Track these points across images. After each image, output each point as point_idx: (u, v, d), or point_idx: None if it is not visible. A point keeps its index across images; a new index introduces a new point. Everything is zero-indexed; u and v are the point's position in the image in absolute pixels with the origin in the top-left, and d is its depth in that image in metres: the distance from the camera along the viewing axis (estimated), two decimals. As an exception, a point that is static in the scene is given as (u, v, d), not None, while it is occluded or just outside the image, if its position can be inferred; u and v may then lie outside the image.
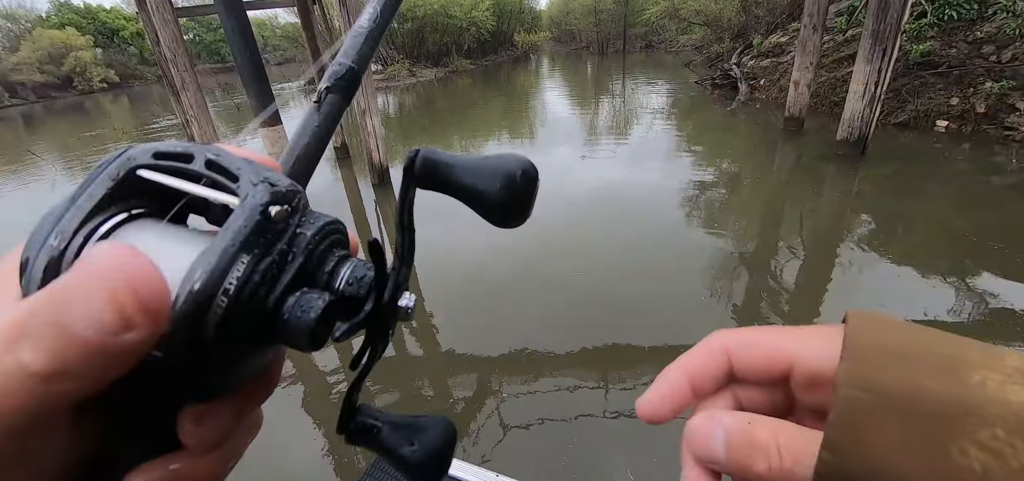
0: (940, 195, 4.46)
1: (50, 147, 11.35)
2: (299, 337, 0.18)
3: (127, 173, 0.18)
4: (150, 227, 0.19)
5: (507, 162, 0.21)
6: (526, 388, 2.48)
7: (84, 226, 0.17)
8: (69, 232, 0.17)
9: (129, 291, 0.15)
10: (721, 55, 12.04)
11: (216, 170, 0.19)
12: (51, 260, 0.17)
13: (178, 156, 0.19)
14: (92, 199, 0.18)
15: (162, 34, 4.54)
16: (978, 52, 5.99)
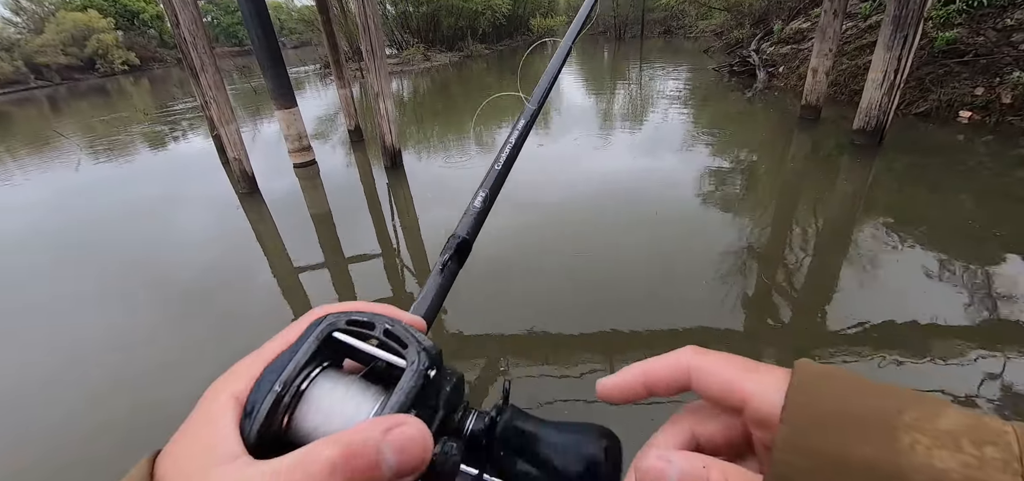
0: (959, 188, 4.36)
1: (75, 128, 11.65)
2: (445, 478, 0.22)
3: (328, 336, 0.24)
4: (334, 378, 0.24)
5: (587, 440, 0.23)
6: (534, 371, 2.52)
7: (302, 373, 0.23)
8: (289, 381, 0.22)
9: (422, 447, 0.20)
10: (741, 41, 11.78)
11: (392, 338, 0.24)
12: (276, 400, 0.22)
13: (365, 324, 0.25)
14: (305, 355, 0.23)
15: (182, 16, 4.63)
16: (1007, 40, 5.78)
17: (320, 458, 0.19)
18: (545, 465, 0.24)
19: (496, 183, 0.32)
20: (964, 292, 2.93)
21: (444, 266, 0.30)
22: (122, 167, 7.67)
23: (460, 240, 0.30)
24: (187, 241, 4.63)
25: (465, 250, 0.30)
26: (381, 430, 0.20)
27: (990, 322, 2.67)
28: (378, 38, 5.09)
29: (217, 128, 5.14)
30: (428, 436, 0.21)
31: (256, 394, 0.22)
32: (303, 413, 0.22)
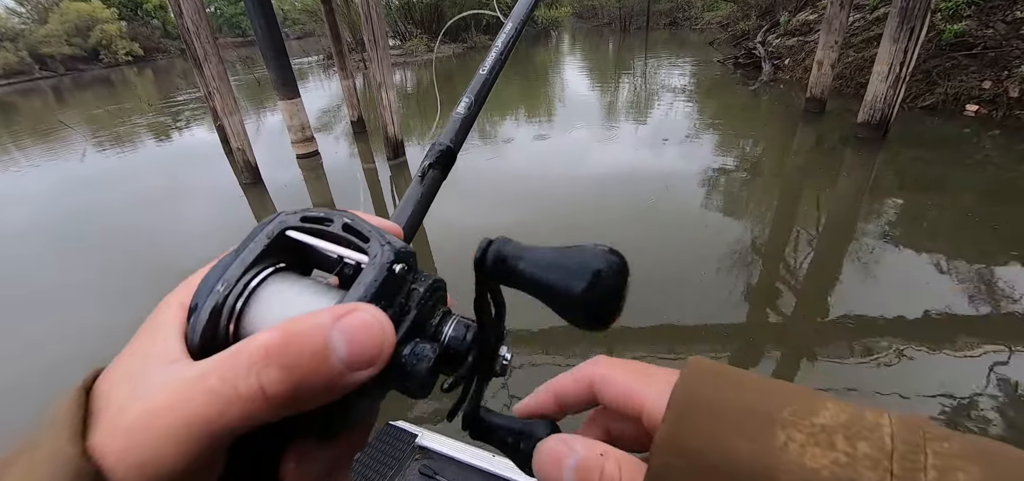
0: (963, 182, 4.34)
1: (79, 119, 11.70)
2: (412, 383, 0.20)
3: (280, 234, 0.22)
4: (291, 279, 0.21)
5: (590, 256, 0.20)
6: (531, 360, 2.54)
7: (244, 276, 0.20)
8: (233, 281, 0.20)
9: (380, 337, 0.18)
10: (747, 33, 11.67)
11: (351, 232, 0.22)
12: (217, 304, 0.20)
13: (321, 220, 0.23)
14: (252, 254, 0.21)
15: (185, 6, 4.63)
16: (1016, 33, 5.71)
17: (254, 343, 0.17)
18: (540, 288, 0.21)
19: (482, 90, 0.30)
20: (965, 287, 2.93)
21: (425, 173, 0.27)
22: (127, 158, 7.72)
23: (443, 147, 0.27)
24: (191, 231, 4.66)
25: (449, 158, 0.28)
26: (330, 316, 0.18)
27: (992, 317, 2.67)
28: (380, 28, 5.08)
29: (220, 119, 5.16)
30: (387, 325, 0.19)
31: (198, 296, 0.20)
32: (252, 317, 0.20)
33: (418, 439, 1.37)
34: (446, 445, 1.35)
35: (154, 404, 0.17)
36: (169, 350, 0.19)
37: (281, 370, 0.17)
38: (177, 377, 0.17)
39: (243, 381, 0.16)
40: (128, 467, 0.16)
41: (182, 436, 0.16)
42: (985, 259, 3.16)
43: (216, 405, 0.16)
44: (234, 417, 0.16)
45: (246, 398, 0.16)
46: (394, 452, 1.35)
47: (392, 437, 1.40)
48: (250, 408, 0.17)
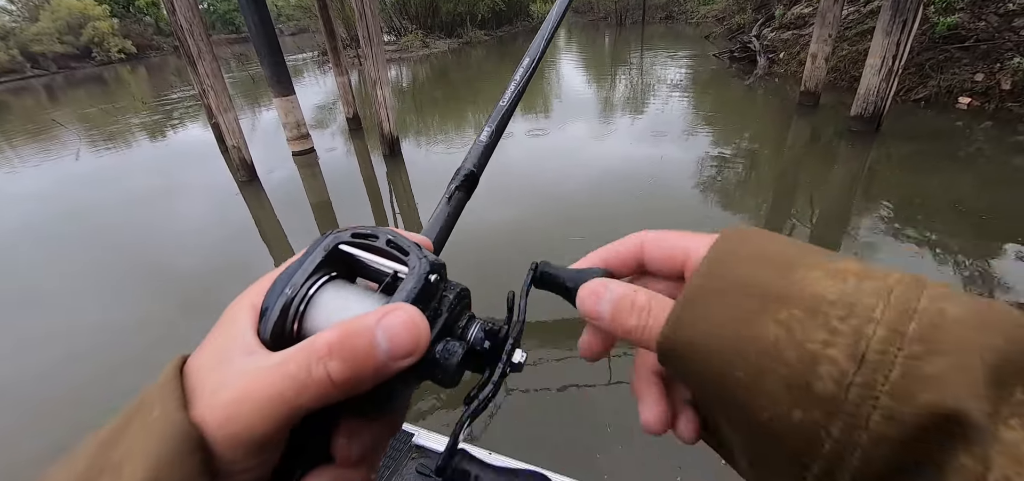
0: (956, 174, 4.38)
1: (73, 118, 11.62)
2: (445, 374, 0.24)
3: (334, 248, 0.26)
4: (342, 286, 0.26)
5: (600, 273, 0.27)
6: (530, 356, 2.57)
7: (306, 283, 0.25)
8: (298, 285, 0.24)
9: (416, 333, 0.22)
10: (742, 27, 11.67)
11: (394, 247, 0.26)
12: (285, 304, 0.24)
13: (368, 236, 0.27)
14: (313, 264, 0.25)
15: (178, 3, 4.61)
16: (1009, 25, 5.74)
17: (320, 341, 0.21)
18: (567, 293, 0.27)
19: (502, 120, 0.34)
20: (956, 278, 2.97)
21: (451, 195, 0.31)
22: (122, 156, 7.68)
23: (468, 172, 0.32)
24: (188, 230, 4.66)
25: (473, 181, 0.32)
26: (376, 317, 0.22)
27: None
28: (375, 24, 5.07)
29: (215, 116, 5.14)
30: (421, 322, 0.22)
31: (268, 299, 0.24)
32: (312, 316, 0.24)
33: (415, 438, 1.38)
34: (442, 443, 1.35)
35: (246, 386, 0.21)
36: (247, 343, 0.23)
37: (342, 361, 0.21)
38: (260, 365, 0.22)
39: (315, 369, 0.21)
40: (226, 435, 0.20)
41: (269, 411, 0.21)
42: (977, 250, 3.20)
43: (294, 387, 0.21)
44: (308, 397, 0.21)
45: (317, 382, 0.21)
46: (391, 452, 1.36)
47: None
48: (320, 390, 0.21)
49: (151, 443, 0.20)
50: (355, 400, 0.23)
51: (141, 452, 0.20)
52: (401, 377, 0.23)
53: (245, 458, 0.21)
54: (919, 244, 3.34)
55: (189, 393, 0.22)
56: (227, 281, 3.60)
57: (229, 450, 0.20)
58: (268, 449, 0.22)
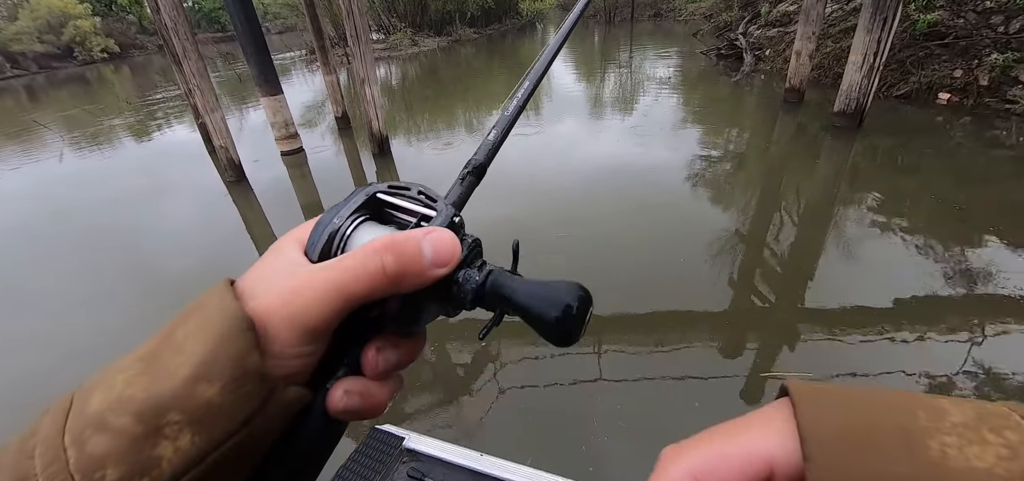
0: (937, 167, 4.48)
1: (55, 118, 11.40)
2: (465, 296, 0.28)
3: (372, 195, 0.30)
4: (375, 225, 0.30)
5: (564, 291, 0.27)
6: (521, 354, 2.58)
7: (350, 218, 0.29)
8: (344, 218, 0.29)
9: (453, 248, 0.27)
10: (729, 24, 11.79)
11: (425, 196, 0.31)
12: (333, 231, 0.28)
13: (402, 188, 0.31)
14: (355, 204, 0.30)
15: (162, 2, 4.55)
16: (986, 22, 5.88)
17: (377, 241, 0.25)
18: (524, 313, 0.28)
19: (507, 125, 0.38)
20: (939, 269, 3.03)
21: (464, 178, 0.35)
22: (107, 157, 7.56)
23: (479, 163, 0.35)
24: (176, 231, 4.61)
25: (482, 170, 0.35)
26: (421, 233, 0.27)
27: (967, 297, 2.77)
28: (362, 23, 5.05)
29: (202, 116, 5.09)
30: (457, 241, 0.27)
31: (317, 230, 0.28)
32: (354, 244, 0.28)
33: (405, 442, 1.37)
34: (434, 447, 1.35)
35: (305, 277, 0.24)
36: (298, 260, 0.27)
37: (394, 257, 0.25)
38: (317, 265, 0.25)
39: (371, 261, 0.25)
40: (283, 318, 0.23)
41: (328, 295, 0.24)
42: (957, 241, 3.28)
43: (352, 275, 0.24)
44: (363, 286, 0.24)
45: (372, 272, 0.24)
46: (381, 456, 1.35)
47: (379, 441, 1.40)
48: (374, 280, 0.24)
49: (208, 325, 0.22)
50: (389, 314, 0.27)
51: (200, 332, 0.22)
52: (428, 295, 0.27)
53: (297, 342, 0.24)
54: (903, 237, 3.42)
55: (241, 296, 0.24)
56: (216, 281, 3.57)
57: (284, 332, 0.23)
58: (318, 338, 0.24)
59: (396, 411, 2.33)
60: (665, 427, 2.10)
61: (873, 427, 0.19)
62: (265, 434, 0.23)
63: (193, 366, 0.21)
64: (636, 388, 2.32)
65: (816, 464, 0.19)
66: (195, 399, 0.21)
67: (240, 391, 0.22)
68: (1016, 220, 3.45)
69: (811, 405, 0.20)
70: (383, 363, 0.28)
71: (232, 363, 0.22)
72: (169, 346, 0.22)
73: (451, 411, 2.34)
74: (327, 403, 0.26)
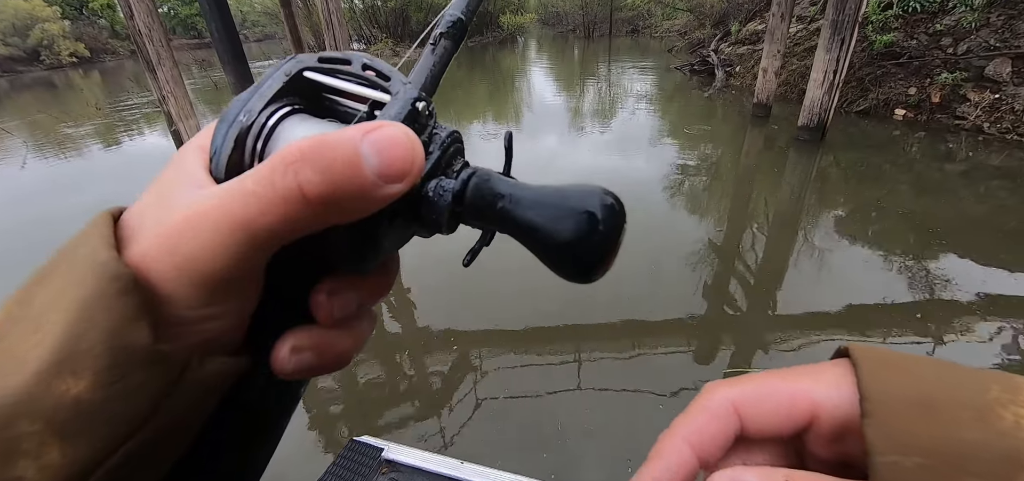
0: (894, 180, 4.73)
1: (18, 124, 11.00)
2: (439, 216, 0.20)
3: (297, 73, 0.21)
4: (308, 119, 0.21)
5: (584, 196, 0.19)
6: (500, 363, 2.59)
7: (264, 110, 0.20)
8: (255, 112, 0.20)
9: (410, 151, 0.18)
10: (702, 41, 12.20)
11: (372, 72, 0.22)
12: (241, 131, 0.20)
13: (339, 60, 0.22)
14: (272, 90, 0.21)
15: (136, 8, 4.51)
16: (937, 44, 6.26)
17: (289, 148, 0.17)
18: (522, 230, 0.20)
19: None
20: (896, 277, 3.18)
21: (437, 42, 0.25)
22: (74, 164, 7.34)
23: (455, 18, 0.25)
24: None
25: (461, 29, 0.25)
26: (360, 130, 0.17)
27: (922, 303, 2.90)
28: (342, 33, 5.08)
29: (176, 123, 5.02)
30: (416, 142, 0.18)
31: (218, 132, 0.20)
32: (274, 152, 0.19)
33: (385, 453, 1.37)
34: (413, 457, 1.35)
35: (194, 211, 0.17)
36: (197, 178, 0.19)
37: (317, 172, 0.16)
38: (213, 190, 0.18)
39: (281, 180, 0.17)
40: (171, 268, 0.17)
41: (224, 235, 0.17)
42: (913, 249, 3.45)
43: (255, 205, 0.17)
44: (274, 217, 0.17)
45: (285, 197, 0.17)
46: (361, 467, 1.34)
47: (358, 452, 1.39)
48: (289, 209, 0.17)
49: (75, 288, 0.16)
50: (335, 250, 0.20)
51: (64, 298, 0.16)
52: (388, 218, 0.19)
53: (200, 300, 0.17)
54: (865, 245, 3.60)
55: (125, 239, 0.18)
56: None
57: (178, 289, 0.17)
58: (229, 292, 0.18)
59: (374, 422, 2.33)
60: (641, 434, 2.14)
61: (940, 392, 0.18)
62: (183, 425, 0.18)
63: (52, 350, 0.15)
64: (615, 398, 2.36)
65: (876, 420, 0.17)
66: (56, 398, 0.15)
67: (124, 381, 0.16)
68: (968, 230, 3.67)
69: (874, 364, 0.19)
70: (339, 307, 0.21)
71: (106, 342, 0.15)
72: (23, 318, 0.16)
73: (431, 421, 2.34)
74: (273, 365, 0.20)
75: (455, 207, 0.20)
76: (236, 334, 0.20)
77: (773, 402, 0.20)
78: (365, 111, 0.21)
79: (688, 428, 0.20)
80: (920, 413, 0.17)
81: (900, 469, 0.16)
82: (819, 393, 0.19)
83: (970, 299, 2.89)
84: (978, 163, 4.93)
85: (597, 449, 2.09)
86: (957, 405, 0.17)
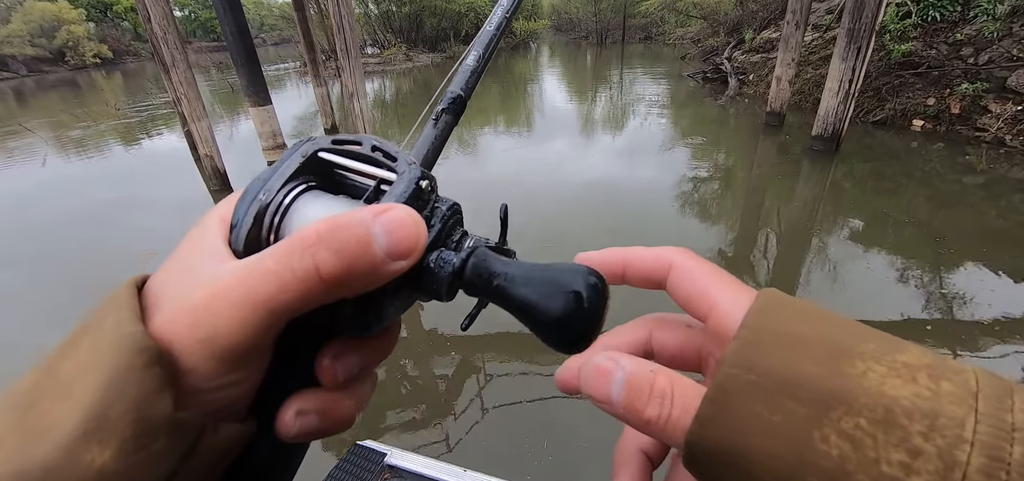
0: (911, 192, 4.61)
1: (42, 123, 11.30)
2: (438, 285, 0.22)
3: (313, 154, 0.23)
4: (322, 196, 0.23)
5: (571, 277, 0.21)
6: (505, 369, 2.57)
7: (283, 189, 0.22)
8: (273, 190, 0.22)
9: (415, 232, 0.20)
10: (715, 49, 12.10)
11: (381, 152, 0.23)
12: (260, 208, 0.21)
13: (351, 142, 0.24)
14: (289, 170, 0.22)
15: (153, 12, 4.59)
16: (957, 54, 6.11)
17: (307, 230, 0.19)
18: (515, 306, 0.21)
19: (490, 43, 0.31)
20: (908, 290, 3.10)
21: (438, 117, 0.27)
22: (92, 163, 7.50)
23: (455, 96, 0.28)
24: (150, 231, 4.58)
25: (460, 106, 0.28)
26: (371, 213, 0.19)
27: (941, 321, 2.81)
28: (353, 38, 5.12)
29: (188, 124, 5.10)
30: (420, 222, 0.20)
31: (240, 207, 0.22)
32: (291, 226, 0.21)
33: (387, 458, 1.36)
34: (416, 463, 1.33)
35: (217, 287, 0.19)
36: (218, 251, 0.20)
37: (332, 253, 0.18)
38: (234, 266, 0.19)
39: (298, 262, 0.18)
40: (194, 342, 0.18)
41: (245, 313, 0.18)
42: (930, 264, 3.35)
43: (275, 283, 0.18)
44: (292, 295, 0.18)
45: (301, 277, 0.18)
46: (363, 473, 1.33)
47: (361, 457, 1.38)
48: (306, 287, 0.18)
49: (103, 358, 0.17)
50: (342, 318, 0.21)
51: (92, 369, 0.17)
52: (392, 288, 0.21)
53: (219, 372, 0.18)
54: (878, 259, 3.50)
55: (149, 308, 0.19)
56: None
57: (200, 362, 0.18)
58: (246, 363, 0.19)
59: (377, 426, 2.31)
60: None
61: (812, 334, 0.19)
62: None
63: (80, 419, 0.16)
64: None
65: (741, 341, 0.20)
66: (82, 469, 0.15)
67: (146, 451, 0.16)
68: (989, 245, 3.55)
69: (772, 303, 0.21)
70: (343, 371, 0.22)
71: (133, 413, 0.16)
72: (51, 388, 0.17)
73: (434, 426, 2.32)
74: (277, 430, 0.21)
75: (454, 280, 0.22)
76: (246, 401, 0.21)
77: (691, 284, 0.24)
78: (372, 190, 0.23)
79: (632, 253, 0.26)
80: (781, 343, 0.19)
81: (736, 380, 0.19)
82: (721, 297, 0.23)
83: (990, 317, 2.79)
84: (999, 176, 4.79)
85: (600, 457, 2.05)
86: (821, 345, 0.19)
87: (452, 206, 0.24)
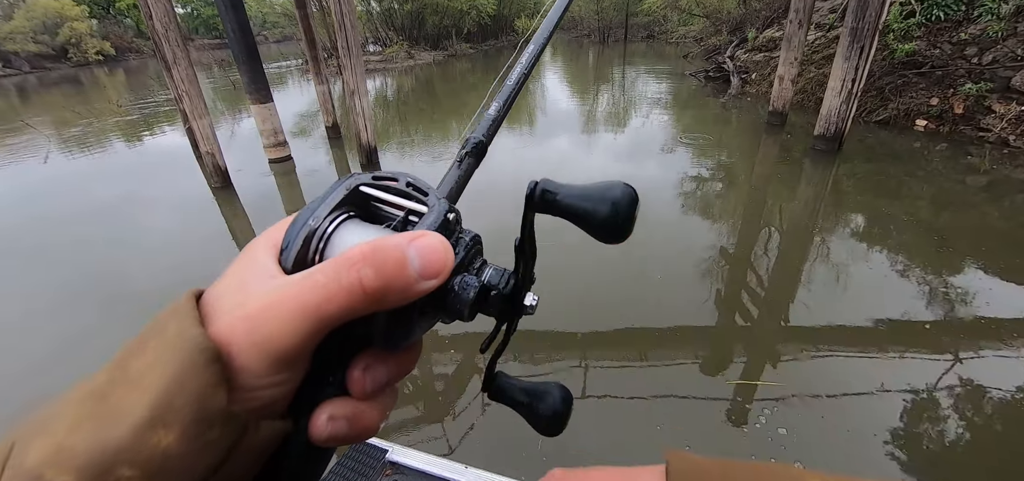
0: (913, 192, 4.59)
1: (44, 119, 11.32)
2: (462, 306, 0.25)
3: (355, 188, 0.27)
4: (361, 224, 0.26)
5: (612, 188, 0.25)
6: (506, 368, 2.57)
7: (329, 217, 0.25)
8: (321, 218, 0.25)
9: (444, 256, 0.23)
10: (718, 47, 12.06)
11: (414, 188, 0.27)
12: (309, 233, 0.25)
13: (389, 178, 0.28)
14: (334, 201, 0.26)
15: (154, 9, 4.59)
16: (961, 53, 6.08)
17: (353, 250, 0.22)
18: (574, 214, 0.26)
19: (509, 97, 0.34)
20: (912, 290, 3.09)
21: (462, 160, 0.31)
22: (94, 159, 7.52)
23: (478, 141, 0.32)
24: (158, 234, 4.59)
25: (482, 150, 0.32)
26: (407, 239, 0.22)
27: (945, 320, 2.80)
28: (354, 36, 5.12)
29: (190, 122, 5.10)
30: (449, 248, 0.23)
31: (291, 231, 0.25)
32: (334, 248, 0.25)
33: (389, 454, 1.37)
34: (418, 459, 1.34)
35: (272, 298, 0.21)
36: (270, 269, 0.24)
37: (374, 270, 0.21)
38: (287, 280, 0.22)
39: (345, 276, 0.21)
40: (250, 344, 0.21)
41: (297, 319, 0.21)
42: (932, 264, 3.34)
43: (324, 294, 0.21)
44: (337, 305, 0.21)
45: (348, 289, 0.21)
46: (365, 468, 1.34)
47: (363, 453, 1.39)
48: (350, 298, 0.21)
49: (168, 356, 0.20)
50: (373, 332, 0.24)
51: (159, 365, 0.19)
52: (420, 307, 0.24)
53: (268, 372, 0.21)
54: (881, 259, 3.49)
55: (206, 316, 0.22)
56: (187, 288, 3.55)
57: (253, 361, 0.20)
58: (291, 365, 0.22)
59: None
60: (646, 443, 2.11)
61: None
62: (240, 479, 0.21)
63: (148, 407, 0.18)
64: (620, 406, 2.33)
65: None
66: (150, 449, 0.18)
67: (203, 438, 0.19)
68: (991, 245, 3.54)
69: (683, 475, 0.23)
70: (371, 382, 0.25)
71: (194, 404, 0.19)
72: (122, 381, 0.20)
73: (436, 423, 2.33)
74: (310, 432, 0.24)
75: (475, 302, 0.25)
76: (286, 402, 0.23)
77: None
78: (402, 219, 0.26)
79: None
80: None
81: None
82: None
83: (991, 317, 2.78)
84: (1002, 176, 4.77)
85: (600, 458, 2.04)
86: None
87: (474, 236, 0.27)
